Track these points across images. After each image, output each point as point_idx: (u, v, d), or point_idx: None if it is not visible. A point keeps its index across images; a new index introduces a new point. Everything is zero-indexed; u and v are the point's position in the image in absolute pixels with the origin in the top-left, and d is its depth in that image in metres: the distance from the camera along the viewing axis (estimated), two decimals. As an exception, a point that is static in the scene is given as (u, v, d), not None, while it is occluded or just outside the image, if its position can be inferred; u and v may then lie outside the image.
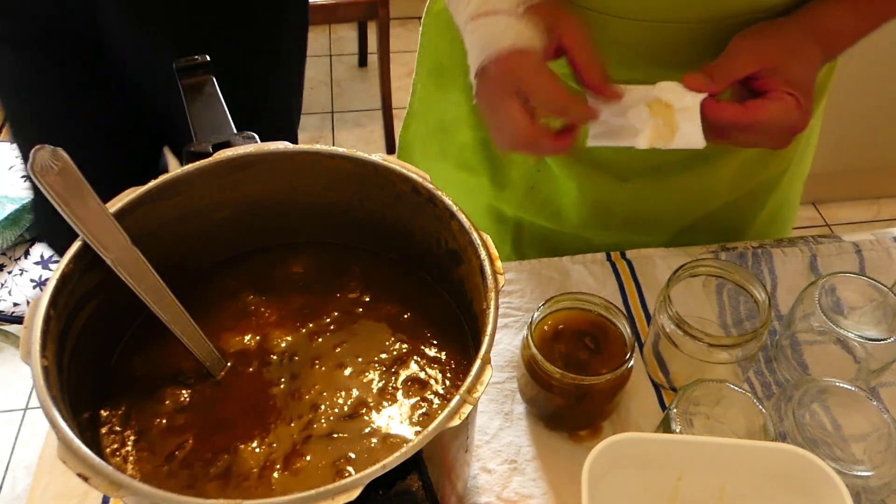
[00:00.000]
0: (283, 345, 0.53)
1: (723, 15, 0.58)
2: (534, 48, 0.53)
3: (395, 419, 0.49)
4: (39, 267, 1.49)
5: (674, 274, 0.63)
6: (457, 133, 0.77)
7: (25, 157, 1.06)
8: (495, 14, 0.54)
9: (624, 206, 0.60)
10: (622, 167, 0.60)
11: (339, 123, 2.41)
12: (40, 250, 1.50)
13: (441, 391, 0.50)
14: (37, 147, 0.42)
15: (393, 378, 0.51)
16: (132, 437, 0.48)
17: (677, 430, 0.55)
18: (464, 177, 0.78)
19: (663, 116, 0.53)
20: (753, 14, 0.58)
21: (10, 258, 1.49)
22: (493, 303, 0.45)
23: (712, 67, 0.55)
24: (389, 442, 0.47)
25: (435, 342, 0.53)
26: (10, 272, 1.47)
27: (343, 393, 0.50)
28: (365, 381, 0.51)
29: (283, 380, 0.51)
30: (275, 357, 0.52)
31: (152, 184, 0.50)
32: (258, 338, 0.53)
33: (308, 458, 0.46)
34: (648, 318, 0.72)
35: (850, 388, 0.57)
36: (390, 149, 2.27)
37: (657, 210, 0.63)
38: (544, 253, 0.81)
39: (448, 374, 0.51)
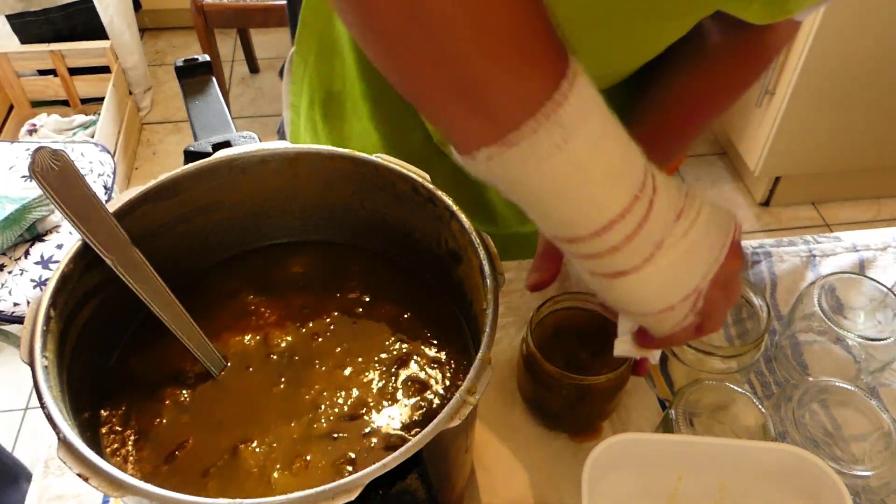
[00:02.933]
0: (283, 345, 0.53)
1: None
2: None
3: (396, 419, 0.49)
4: (39, 267, 1.49)
5: (674, 274, 0.63)
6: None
7: None
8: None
9: None
10: None
11: (339, 123, 2.41)
12: (40, 250, 1.50)
13: (441, 391, 0.50)
14: (37, 147, 0.42)
15: (393, 378, 0.51)
16: (132, 437, 0.48)
17: (677, 431, 0.55)
18: None
19: None
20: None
21: (10, 258, 1.49)
22: (492, 303, 0.45)
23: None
24: (389, 442, 0.47)
25: (435, 342, 0.53)
26: (10, 272, 1.47)
27: (343, 393, 0.50)
28: (365, 381, 0.51)
29: (283, 380, 0.51)
30: (275, 357, 0.52)
31: (152, 183, 0.50)
32: (258, 338, 0.53)
33: (308, 458, 0.46)
34: (648, 318, 0.72)
35: (850, 388, 0.57)
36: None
37: None
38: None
39: (448, 374, 0.51)
